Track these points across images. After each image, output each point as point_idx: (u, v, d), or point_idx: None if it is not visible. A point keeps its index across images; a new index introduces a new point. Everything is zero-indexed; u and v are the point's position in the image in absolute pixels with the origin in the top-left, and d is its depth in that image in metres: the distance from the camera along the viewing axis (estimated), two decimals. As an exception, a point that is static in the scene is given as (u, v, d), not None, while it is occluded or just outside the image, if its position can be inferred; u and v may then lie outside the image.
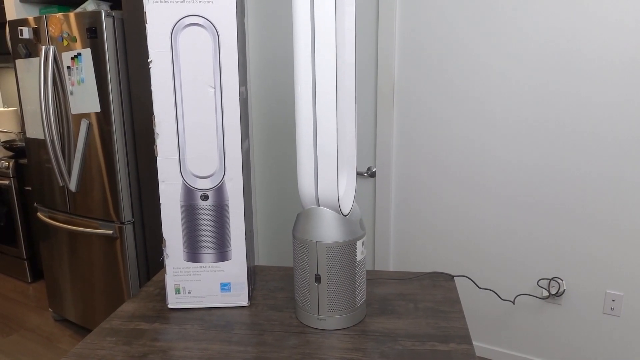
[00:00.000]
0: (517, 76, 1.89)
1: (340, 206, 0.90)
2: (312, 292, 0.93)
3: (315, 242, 0.90)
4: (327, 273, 0.91)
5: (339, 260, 0.90)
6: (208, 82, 0.94)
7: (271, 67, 2.45)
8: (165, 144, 0.95)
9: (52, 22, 2.07)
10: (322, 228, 0.90)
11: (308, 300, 0.94)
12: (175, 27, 0.91)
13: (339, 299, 0.92)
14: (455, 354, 0.85)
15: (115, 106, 2.05)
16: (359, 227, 0.92)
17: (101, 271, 2.27)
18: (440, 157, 2.11)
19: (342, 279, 0.91)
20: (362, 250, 0.93)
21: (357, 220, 0.92)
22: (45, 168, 2.34)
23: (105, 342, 0.90)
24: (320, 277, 0.91)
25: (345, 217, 0.90)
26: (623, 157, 1.77)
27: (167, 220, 0.98)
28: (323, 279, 0.91)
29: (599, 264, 1.88)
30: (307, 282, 0.93)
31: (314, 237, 0.90)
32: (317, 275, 0.92)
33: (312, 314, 0.94)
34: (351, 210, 0.93)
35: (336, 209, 0.89)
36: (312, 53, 0.85)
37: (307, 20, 0.84)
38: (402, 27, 2.08)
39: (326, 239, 0.89)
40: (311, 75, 0.86)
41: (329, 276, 0.91)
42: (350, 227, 0.91)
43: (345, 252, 0.90)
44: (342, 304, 0.92)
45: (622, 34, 1.69)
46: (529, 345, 2.10)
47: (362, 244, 0.93)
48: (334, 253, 0.90)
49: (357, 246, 0.91)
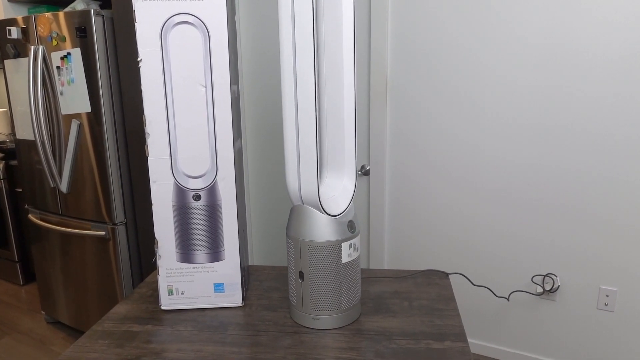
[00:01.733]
0: (510, 73, 1.90)
1: (324, 206, 0.89)
2: (299, 290, 0.93)
3: (300, 240, 0.90)
4: (309, 271, 0.91)
5: (322, 260, 0.90)
6: (199, 81, 0.93)
7: (263, 66, 2.44)
8: (156, 144, 0.94)
9: (41, 21, 2.05)
10: (306, 226, 0.90)
11: (295, 297, 0.94)
12: (165, 25, 0.90)
13: (323, 298, 0.91)
14: (450, 351, 0.84)
15: (106, 106, 2.03)
16: (346, 229, 0.90)
17: (94, 273, 2.25)
18: (434, 155, 2.11)
19: (325, 279, 0.90)
20: (350, 252, 0.91)
21: (345, 221, 0.91)
22: (36, 169, 2.32)
23: (97, 344, 0.89)
24: (303, 275, 0.91)
25: (332, 217, 0.89)
26: (616, 154, 1.78)
27: (159, 221, 0.97)
28: (306, 277, 0.91)
29: (593, 260, 1.89)
30: (294, 279, 0.94)
31: (298, 235, 0.91)
32: (300, 272, 0.92)
33: (306, 314, 0.93)
34: (344, 211, 0.91)
35: (319, 209, 0.89)
36: (293, 55, 0.85)
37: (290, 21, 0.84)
38: (394, 23, 2.07)
39: (309, 237, 0.89)
40: (293, 76, 0.86)
41: (311, 275, 0.91)
42: (336, 227, 0.89)
43: (329, 253, 0.89)
44: (325, 304, 0.92)
45: (614, 31, 1.70)
46: (524, 341, 2.10)
47: (351, 246, 0.91)
48: (317, 252, 0.89)
49: (342, 248, 0.90)
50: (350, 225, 0.92)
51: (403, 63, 2.09)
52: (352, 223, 0.93)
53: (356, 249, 0.93)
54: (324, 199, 0.92)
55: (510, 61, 1.88)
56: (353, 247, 0.92)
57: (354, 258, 0.93)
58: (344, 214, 0.91)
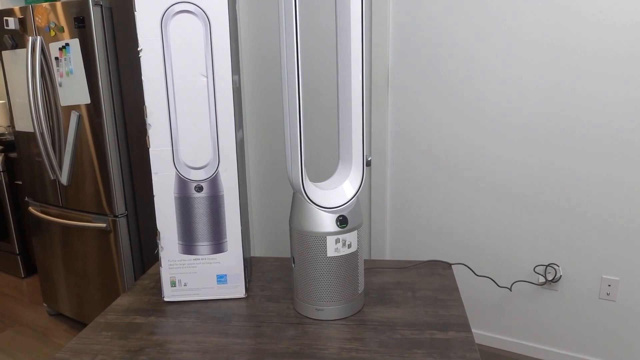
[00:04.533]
0: (512, 68, 1.88)
1: (309, 196, 0.89)
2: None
3: (291, 226, 0.93)
4: (298, 259, 0.92)
5: (308, 250, 0.90)
6: (200, 71, 0.91)
7: (265, 56, 2.42)
8: (157, 135, 0.93)
9: (39, 12, 2.03)
10: (296, 214, 0.91)
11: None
12: (165, 14, 0.89)
13: (307, 287, 0.92)
14: (454, 341, 0.84)
15: (106, 97, 2.02)
16: (334, 223, 0.89)
17: (95, 265, 2.25)
18: (435, 148, 2.10)
19: (309, 269, 0.91)
20: (337, 247, 0.89)
21: (335, 216, 0.89)
22: (36, 162, 2.31)
23: (101, 336, 0.89)
24: (294, 260, 0.93)
25: (321, 209, 0.89)
26: (617, 147, 1.77)
27: (161, 213, 0.97)
28: (297, 264, 0.93)
29: (595, 250, 1.89)
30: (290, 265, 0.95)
31: (291, 221, 0.93)
32: (292, 256, 0.94)
33: (309, 305, 0.93)
34: (340, 206, 0.90)
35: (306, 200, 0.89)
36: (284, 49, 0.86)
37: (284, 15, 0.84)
38: (395, 19, 2.05)
39: (299, 226, 0.91)
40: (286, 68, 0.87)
41: (300, 262, 0.92)
42: (322, 220, 0.89)
43: (313, 244, 0.89)
44: (310, 295, 0.92)
45: (615, 31, 1.68)
46: (527, 331, 2.11)
47: (338, 241, 0.89)
48: (303, 241, 0.90)
49: (326, 241, 0.89)
50: (340, 220, 0.89)
51: (404, 58, 2.07)
52: (344, 218, 0.90)
53: (348, 245, 0.90)
54: (325, 190, 0.91)
55: (513, 56, 1.87)
56: (342, 242, 0.90)
57: (343, 254, 0.90)
58: (338, 209, 0.90)
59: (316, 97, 2.32)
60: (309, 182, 0.91)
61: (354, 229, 0.91)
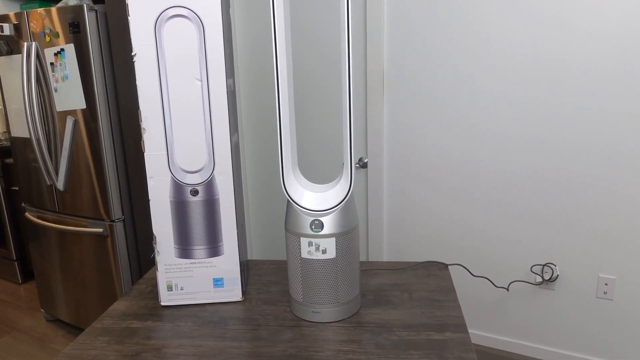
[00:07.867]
0: (508, 65, 1.89)
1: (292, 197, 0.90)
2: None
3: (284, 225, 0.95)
4: (288, 258, 0.95)
5: (287, 248, 0.93)
6: (194, 75, 0.92)
7: (259, 59, 2.42)
8: (152, 139, 0.93)
9: (34, 17, 2.03)
10: (286, 213, 0.94)
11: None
12: (159, 19, 0.89)
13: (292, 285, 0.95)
14: (451, 342, 0.84)
15: (101, 102, 2.02)
16: (308, 226, 0.88)
17: (92, 270, 2.25)
18: (432, 147, 2.11)
19: (290, 267, 0.94)
20: (310, 250, 0.89)
21: (312, 219, 0.88)
22: (32, 167, 2.30)
23: (98, 341, 0.89)
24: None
25: (302, 210, 0.89)
26: (612, 148, 1.78)
27: (157, 217, 0.97)
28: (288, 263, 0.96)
29: (592, 249, 1.90)
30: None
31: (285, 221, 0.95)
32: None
33: (306, 307, 0.93)
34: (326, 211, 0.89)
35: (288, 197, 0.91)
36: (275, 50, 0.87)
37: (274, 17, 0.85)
38: (390, 16, 2.06)
39: (286, 224, 0.93)
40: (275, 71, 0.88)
41: (288, 262, 0.95)
42: (300, 221, 0.89)
43: (291, 243, 0.91)
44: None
45: (602, 43, 1.70)
46: (524, 331, 2.11)
47: (310, 244, 0.88)
48: (287, 241, 0.93)
49: (300, 242, 0.89)
50: (314, 224, 0.89)
51: (399, 56, 2.08)
52: (320, 223, 0.88)
53: (322, 250, 0.89)
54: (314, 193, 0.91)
55: (509, 53, 1.88)
56: (315, 246, 0.89)
57: (317, 258, 0.89)
58: (316, 213, 0.89)
59: (322, 97, 2.32)
60: (296, 182, 0.92)
61: (331, 236, 0.88)
